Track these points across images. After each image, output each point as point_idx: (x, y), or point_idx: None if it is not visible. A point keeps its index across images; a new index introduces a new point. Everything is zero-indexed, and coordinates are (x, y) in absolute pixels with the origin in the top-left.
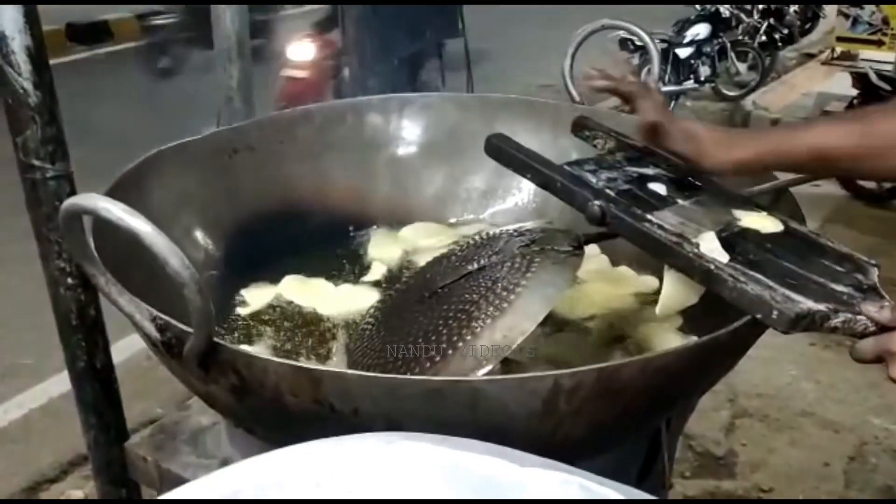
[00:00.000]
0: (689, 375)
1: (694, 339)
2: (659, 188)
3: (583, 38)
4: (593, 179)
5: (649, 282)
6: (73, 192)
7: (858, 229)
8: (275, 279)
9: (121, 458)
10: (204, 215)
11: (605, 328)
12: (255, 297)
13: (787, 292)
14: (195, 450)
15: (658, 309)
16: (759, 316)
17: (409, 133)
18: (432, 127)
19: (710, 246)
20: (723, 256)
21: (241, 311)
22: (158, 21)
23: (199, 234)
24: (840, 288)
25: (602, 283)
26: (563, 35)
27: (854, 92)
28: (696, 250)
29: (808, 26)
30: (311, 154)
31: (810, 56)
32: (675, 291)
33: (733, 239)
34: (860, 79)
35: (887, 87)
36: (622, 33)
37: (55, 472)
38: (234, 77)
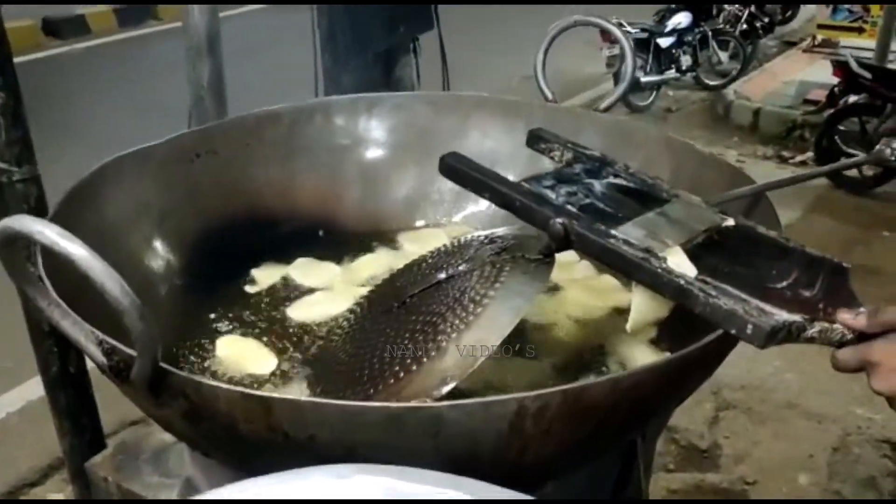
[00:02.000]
0: (662, 391)
1: (666, 354)
2: (620, 200)
3: (555, 35)
4: (553, 195)
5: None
6: (41, 195)
7: (840, 219)
8: (241, 288)
9: None
10: (165, 223)
11: (577, 341)
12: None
13: (761, 304)
14: (157, 469)
15: (629, 325)
16: (733, 331)
17: (379, 134)
18: (403, 127)
19: (677, 260)
20: (691, 270)
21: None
22: None
23: (159, 243)
24: (813, 294)
25: (579, 292)
26: (543, 28)
27: (835, 80)
28: (664, 265)
29: (788, 14)
30: (279, 157)
31: (791, 44)
32: (645, 306)
33: (700, 250)
34: (841, 67)
35: (867, 76)
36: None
37: (35, 475)
38: (205, 75)
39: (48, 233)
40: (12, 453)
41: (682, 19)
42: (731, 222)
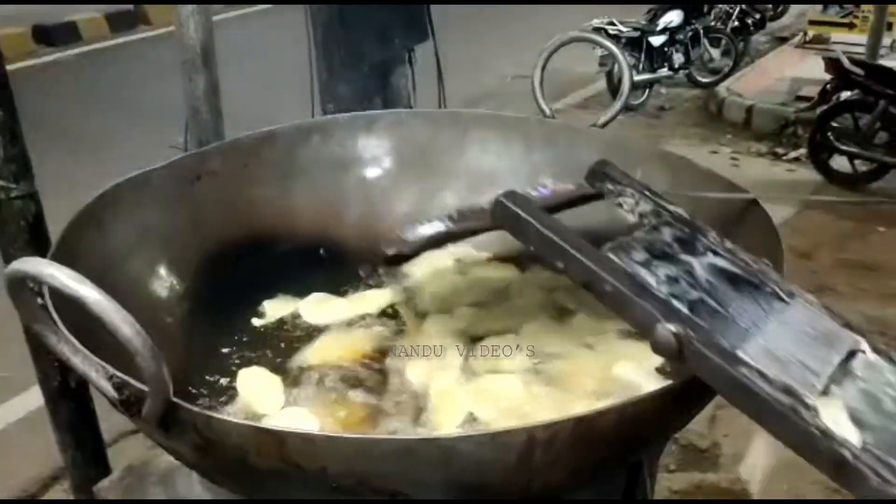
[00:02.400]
0: (670, 415)
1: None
2: (729, 293)
3: (552, 51)
4: (652, 281)
5: None
6: (39, 212)
7: (834, 214)
8: (245, 310)
9: (100, 477)
10: (168, 247)
11: (588, 366)
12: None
13: None
14: (166, 492)
15: None
16: None
17: (378, 151)
18: (401, 144)
19: (835, 416)
20: (853, 434)
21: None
22: None
23: (163, 269)
24: None
25: (590, 316)
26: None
27: (828, 76)
28: (818, 423)
29: (779, 10)
30: (278, 177)
31: (783, 40)
32: None
33: (853, 399)
34: (833, 64)
35: (860, 72)
36: (596, 22)
37: (37, 486)
38: (200, 87)
39: (59, 276)
40: (13, 464)
41: (673, 17)
42: (866, 346)
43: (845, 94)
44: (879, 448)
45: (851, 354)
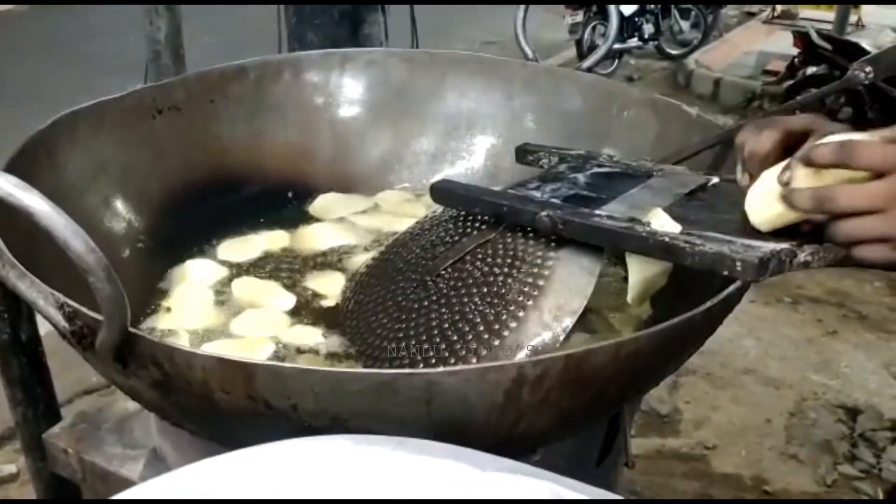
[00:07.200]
0: (662, 357)
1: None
2: (605, 185)
3: None
4: (538, 194)
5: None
6: None
7: None
8: (208, 251)
9: None
10: (126, 182)
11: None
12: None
13: (747, 241)
14: (121, 439)
15: (629, 298)
16: (725, 272)
17: (351, 91)
18: (377, 85)
19: (660, 221)
20: (675, 228)
21: None
22: None
23: (119, 204)
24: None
25: None
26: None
27: (795, 51)
28: (647, 229)
29: None
30: (246, 114)
31: (751, 14)
32: (641, 277)
33: (686, 210)
34: (802, 38)
35: (828, 47)
36: None
37: None
38: (162, 30)
39: (3, 183)
40: None
41: None
42: (715, 180)
43: (812, 69)
44: (697, 231)
45: (701, 187)
